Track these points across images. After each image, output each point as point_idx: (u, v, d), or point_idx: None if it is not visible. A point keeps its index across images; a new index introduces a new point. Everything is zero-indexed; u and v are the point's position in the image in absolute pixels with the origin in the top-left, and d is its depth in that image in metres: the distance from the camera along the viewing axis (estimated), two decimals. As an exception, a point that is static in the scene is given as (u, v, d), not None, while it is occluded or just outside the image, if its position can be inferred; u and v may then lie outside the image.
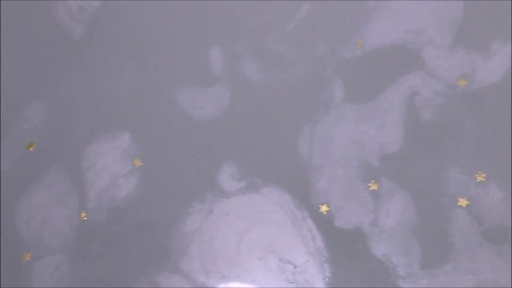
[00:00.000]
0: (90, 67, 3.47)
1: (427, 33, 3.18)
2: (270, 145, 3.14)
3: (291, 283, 2.91)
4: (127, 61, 3.45)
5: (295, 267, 2.93)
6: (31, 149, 3.27)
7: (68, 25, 3.64)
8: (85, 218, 3.14)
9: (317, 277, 2.90)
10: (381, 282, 2.85)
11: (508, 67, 3.08)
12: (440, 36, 3.18)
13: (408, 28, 3.20)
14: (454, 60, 3.13)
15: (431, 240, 2.90)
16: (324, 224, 2.98)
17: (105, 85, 3.42)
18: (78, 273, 3.07)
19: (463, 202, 2.92)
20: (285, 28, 3.36)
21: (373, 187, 2.99)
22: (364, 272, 2.88)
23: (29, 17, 3.70)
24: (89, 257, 3.08)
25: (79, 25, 3.62)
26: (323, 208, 2.98)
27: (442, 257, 2.87)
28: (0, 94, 3.48)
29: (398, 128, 3.09)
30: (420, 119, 3.08)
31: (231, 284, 2.96)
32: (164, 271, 3.00)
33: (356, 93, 3.16)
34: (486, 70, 3.09)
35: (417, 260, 2.88)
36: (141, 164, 3.22)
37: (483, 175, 2.96)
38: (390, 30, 3.22)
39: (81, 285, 3.04)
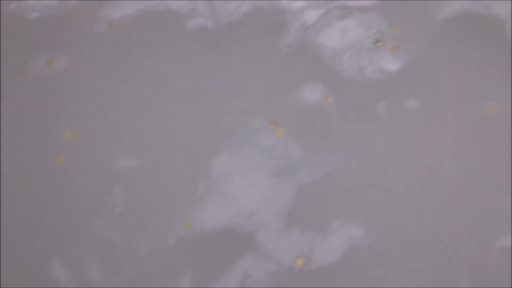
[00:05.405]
0: None
1: (258, 216, 3.17)
2: None
3: None
4: None
5: None
6: None
7: None
8: None
9: None
10: None
11: (345, 246, 3.09)
12: (272, 219, 3.17)
13: (239, 212, 3.16)
14: (289, 241, 3.11)
15: None
16: None
17: None
18: None
19: None
20: (111, 213, 3.23)
21: None
22: None
23: None
24: None
25: None
26: None
27: None
28: None
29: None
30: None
31: None
32: None
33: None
34: (324, 249, 3.09)
35: None
36: None
37: None
38: (221, 213, 3.17)
39: None
